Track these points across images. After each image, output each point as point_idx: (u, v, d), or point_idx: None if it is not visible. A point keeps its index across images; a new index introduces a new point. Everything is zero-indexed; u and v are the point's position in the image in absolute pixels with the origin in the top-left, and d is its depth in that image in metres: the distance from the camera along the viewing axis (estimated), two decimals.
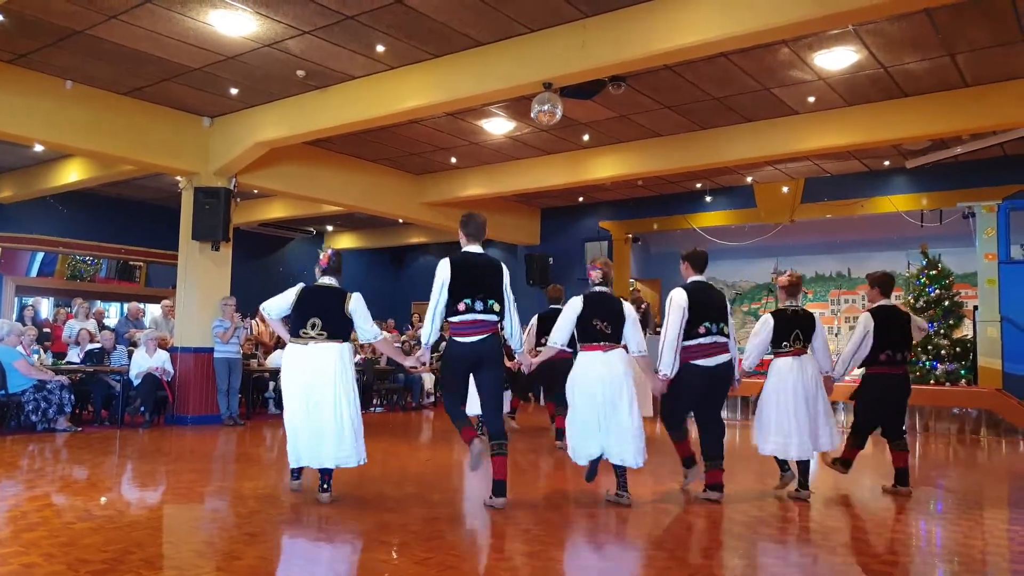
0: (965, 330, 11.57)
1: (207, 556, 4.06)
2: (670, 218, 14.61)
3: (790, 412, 5.61)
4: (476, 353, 5.13)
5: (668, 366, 5.41)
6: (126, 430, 9.39)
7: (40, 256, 14.42)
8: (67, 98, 9.01)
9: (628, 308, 5.48)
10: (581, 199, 15.14)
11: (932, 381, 10.99)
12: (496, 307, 5.14)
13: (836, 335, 14.30)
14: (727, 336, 5.54)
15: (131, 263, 15.59)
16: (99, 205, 14.61)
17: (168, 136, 10.01)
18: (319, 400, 5.21)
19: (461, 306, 5.07)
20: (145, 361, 9.85)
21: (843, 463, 6.08)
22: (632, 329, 5.43)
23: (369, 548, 4.17)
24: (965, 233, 11.58)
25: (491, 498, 5.11)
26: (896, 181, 12.47)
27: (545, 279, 15.49)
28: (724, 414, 5.89)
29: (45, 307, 14.49)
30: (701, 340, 5.43)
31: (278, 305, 5.51)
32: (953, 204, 11.57)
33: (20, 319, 11.86)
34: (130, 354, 10.35)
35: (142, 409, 9.86)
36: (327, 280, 5.56)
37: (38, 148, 10.83)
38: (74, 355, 10.54)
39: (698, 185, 13.82)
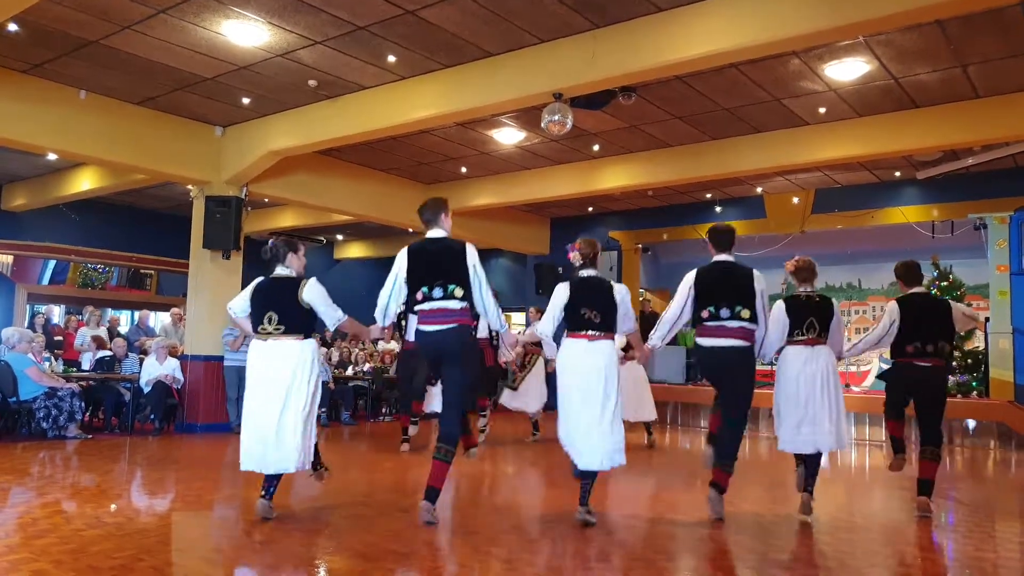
0: (977, 342, 11.50)
1: (216, 564, 4.07)
2: (680, 228, 14.58)
3: (797, 404, 5.28)
4: (438, 344, 4.92)
5: (658, 339, 5.34)
6: (136, 437, 9.41)
7: (52, 264, 14.52)
8: (81, 107, 9.08)
9: (620, 292, 5.11)
10: (591, 209, 15.13)
11: None
12: (458, 292, 4.86)
13: None
14: (744, 320, 5.11)
15: (142, 271, 15.67)
16: (111, 214, 14.71)
17: (180, 145, 10.07)
18: (269, 399, 4.94)
19: (419, 295, 4.91)
20: (155, 369, 9.88)
21: (921, 488, 5.52)
22: (623, 314, 5.09)
23: (378, 557, 4.16)
24: (977, 244, 11.52)
25: (422, 500, 4.87)
26: (907, 192, 12.43)
27: (554, 288, 15.47)
28: None
29: (57, 315, 14.57)
30: (705, 324, 5.20)
31: (238, 303, 5.28)
32: (964, 215, 11.51)
33: (31, 326, 11.95)
34: (141, 362, 10.40)
35: (152, 417, 9.90)
36: (279, 271, 5.25)
37: (51, 157, 10.91)
38: (86, 362, 10.62)
39: (708, 195, 13.80)
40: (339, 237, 18.36)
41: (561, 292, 5.13)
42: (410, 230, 15.54)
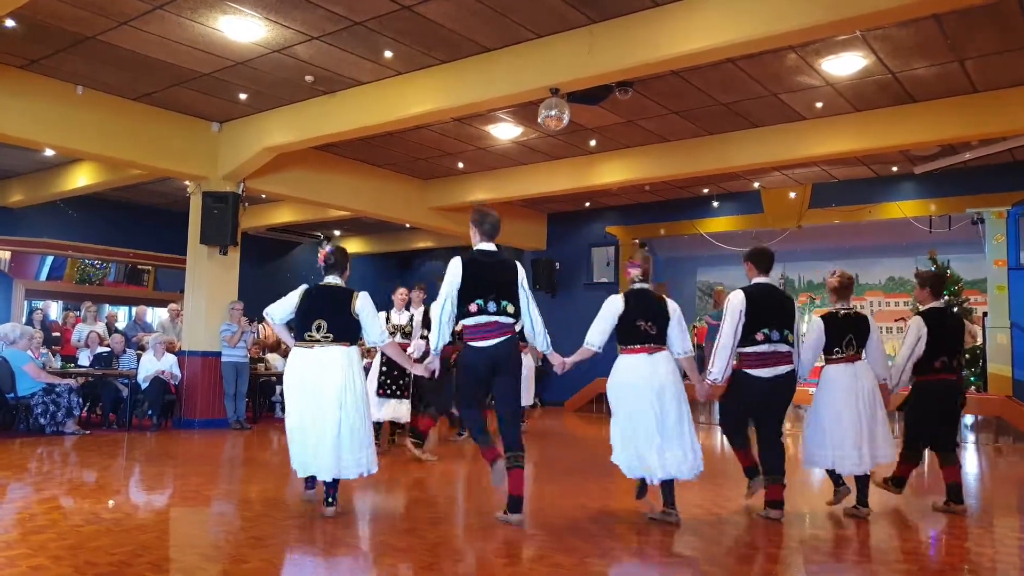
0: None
1: (214, 559, 4.08)
2: (677, 223, 14.59)
3: (844, 424, 5.25)
4: (493, 359, 4.87)
5: (720, 372, 5.12)
6: (134, 433, 9.42)
7: (49, 260, 14.49)
8: (78, 103, 9.06)
9: (672, 306, 5.11)
10: (588, 204, 15.14)
11: None
12: (510, 308, 4.86)
13: None
14: (791, 344, 5.16)
15: (139, 267, 15.65)
16: (108, 209, 14.69)
17: (177, 141, 10.06)
18: (323, 406, 4.91)
19: (473, 307, 4.81)
20: (153, 365, 9.89)
21: (895, 482, 5.71)
22: (678, 329, 5.08)
23: (374, 552, 4.17)
24: (974, 239, 11.53)
25: (505, 514, 4.83)
26: (904, 187, 12.43)
27: (551, 284, 15.50)
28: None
29: (54, 310, 14.56)
30: (758, 348, 5.10)
31: (281, 309, 5.25)
32: (962, 210, 11.52)
33: (29, 322, 11.94)
34: (138, 358, 10.40)
35: (150, 412, 9.91)
36: (331, 279, 5.27)
37: (48, 153, 10.89)
38: (84, 358, 10.60)
39: (705, 190, 13.80)
40: (336, 232, 18.35)
41: (615, 304, 5.06)
42: (407, 225, 15.56)
